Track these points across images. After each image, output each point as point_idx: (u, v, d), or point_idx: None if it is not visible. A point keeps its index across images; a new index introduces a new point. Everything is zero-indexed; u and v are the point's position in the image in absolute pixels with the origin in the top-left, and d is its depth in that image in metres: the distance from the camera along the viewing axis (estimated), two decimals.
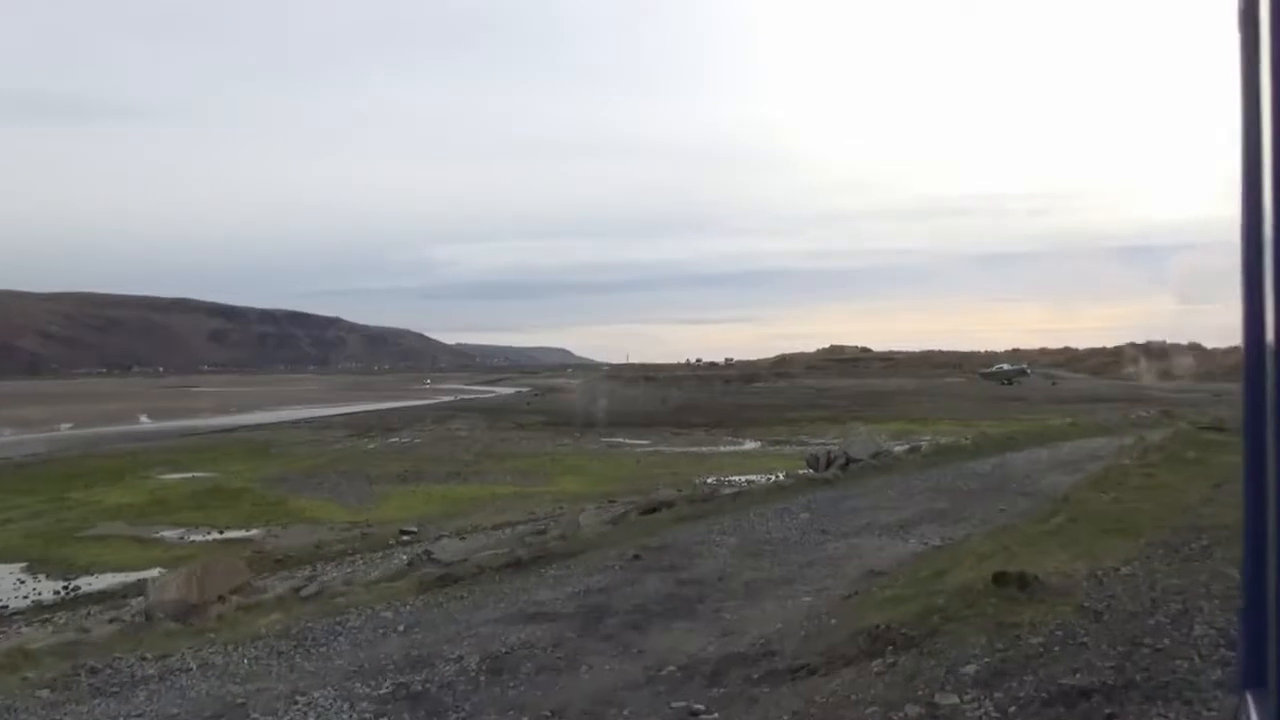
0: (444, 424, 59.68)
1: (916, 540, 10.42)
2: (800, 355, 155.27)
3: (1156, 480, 10.24)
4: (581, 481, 30.98)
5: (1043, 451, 19.26)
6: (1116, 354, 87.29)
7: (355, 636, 6.79)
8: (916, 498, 13.68)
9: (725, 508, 12.72)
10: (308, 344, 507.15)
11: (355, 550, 19.52)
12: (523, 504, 26.13)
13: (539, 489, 29.30)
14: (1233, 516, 8.90)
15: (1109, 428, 23.76)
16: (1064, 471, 16.18)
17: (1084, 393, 61.66)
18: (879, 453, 17.25)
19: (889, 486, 14.82)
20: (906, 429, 47.49)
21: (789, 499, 13.53)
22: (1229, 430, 15.34)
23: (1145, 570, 6.20)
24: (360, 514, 24.90)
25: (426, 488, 29.66)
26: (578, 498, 26.94)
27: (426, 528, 22.38)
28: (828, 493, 14.04)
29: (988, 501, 13.28)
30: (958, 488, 14.58)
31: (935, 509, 12.62)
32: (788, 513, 12.36)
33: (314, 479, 31.61)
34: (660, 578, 8.46)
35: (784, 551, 9.76)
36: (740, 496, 13.87)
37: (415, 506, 25.88)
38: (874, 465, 16.58)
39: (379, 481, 31.07)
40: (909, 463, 17.38)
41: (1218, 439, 14.30)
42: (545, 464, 36.34)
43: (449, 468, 34.93)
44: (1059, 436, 22.13)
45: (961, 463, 17.71)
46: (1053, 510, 9.20)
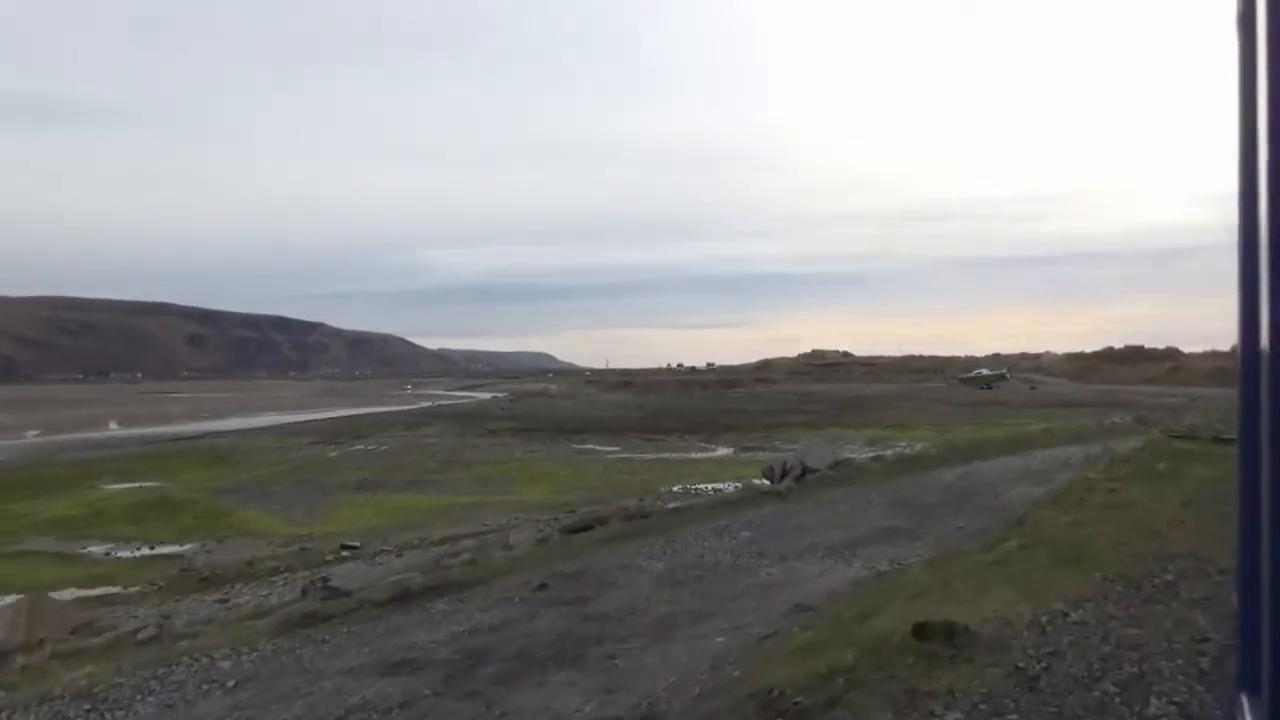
0: (414, 430, 58.51)
1: (861, 564, 9.48)
2: (783, 360, 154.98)
3: (1122, 497, 9.34)
4: (544, 490, 29.96)
5: (1013, 460, 18.37)
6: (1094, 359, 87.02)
7: (169, 697, 5.75)
8: (871, 513, 12.74)
9: (662, 526, 11.74)
10: (289, 349, 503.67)
11: (288, 567, 18.42)
12: (478, 515, 25.08)
13: (498, 498, 28.28)
14: (1202, 542, 7.99)
15: (1082, 434, 22.89)
16: (1032, 482, 15.29)
17: (1062, 397, 61.08)
18: (838, 462, 16.31)
19: (844, 500, 13.88)
20: (883, 435, 46.90)
21: (733, 515, 12.57)
22: (1201, 439, 14.52)
23: (1099, 615, 5.25)
24: (305, 527, 23.80)
25: (382, 498, 28.58)
26: (536, 508, 25.96)
27: (371, 541, 21.31)
28: (776, 508, 13.08)
29: (947, 517, 12.36)
30: (917, 501, 13.65)
31: (889, 526, 11.68)
32: (728, 531, 11.39)
33: (267, 489, 30.45)
34: (562, 613, 7.47)
35: (711, 579, 8.79)
36: (682, 512, 12.90)
37: (365, 518, 24.79)
38: (832, 476, 15.66)
39: (334, 491, 29.96)
40: (870, 473, 16.44)
41: (1190, 449, 13.44)
42: (511, 471, 35.33)
43: (411, 476, 33.85)
44: (1031, 444, 21.25)
45: (926, 473, 16.78)
46: (1004, 534, 8.27)
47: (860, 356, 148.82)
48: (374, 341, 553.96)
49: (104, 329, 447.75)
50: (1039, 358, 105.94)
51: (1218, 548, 7.12)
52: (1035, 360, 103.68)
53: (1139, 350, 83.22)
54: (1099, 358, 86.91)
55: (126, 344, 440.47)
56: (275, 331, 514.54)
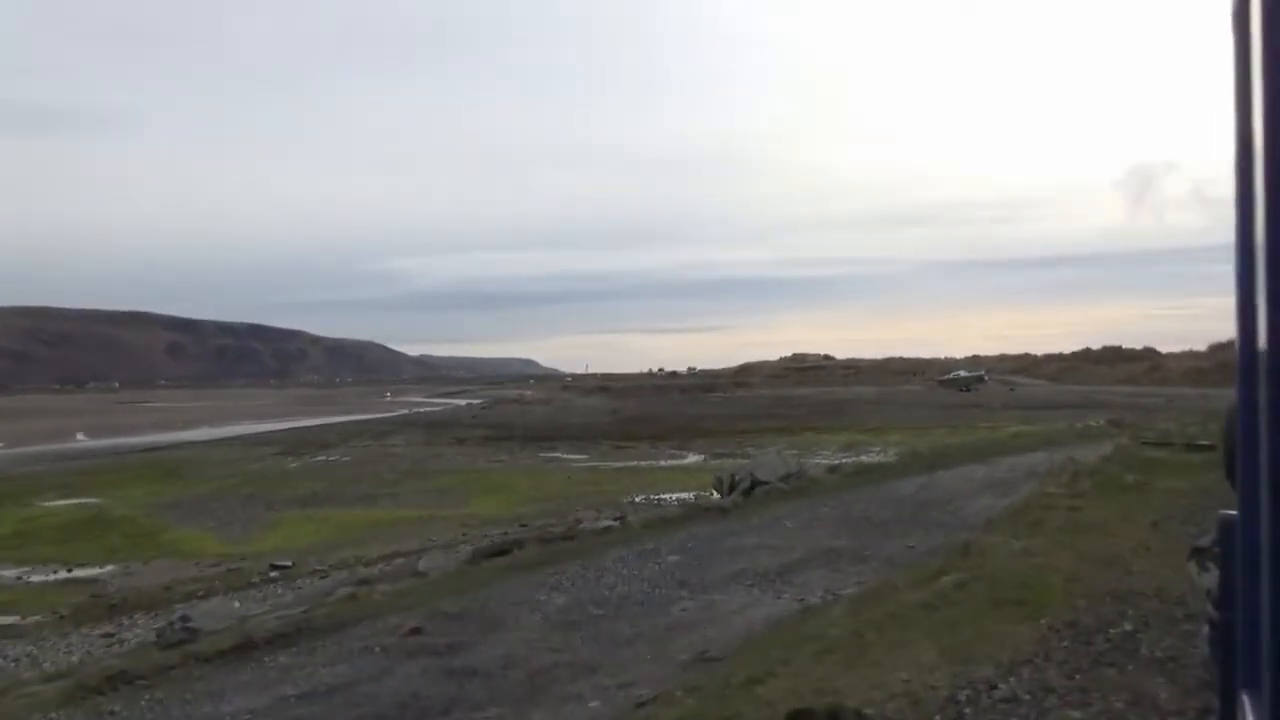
0: (382, 440, 57.13)
1: (792, 595, 8.39)
2: (763, 364, 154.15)
3: (1083, 517, 8.31)
4: (499, 502, 28.77)
5: (978, 469, 17.37)
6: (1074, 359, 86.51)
7: None
8: (816, 531, 11.67)
9: (584, 550, 10.62)
10: (268, 357, 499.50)
11: (208, 591, 17.17)
12: (425, 530, 23.87)
13: (450, 512, 27.05)
14: (1171, 575, 6.94)
15: (1054, 439, 21.98)
16: (995, 494, 14.29)
17: (1041, 399, 60.33)
18: (789, 474, 15.23)
19: (791, 515, 12.81)
20: (858, 439, 45.87)
21: (666, 535, 11.47)
22: (1174, 445, 13.55)
23: (1034, 687, 4.17)
24: (239, 545, 22.52)
25: (328, 513, 27.30)
26: (487, 522, 24.77)
27: (305, 560, 20.09)
28: (714, 526, 11.99)
29: (898, 536, 11.30)
30: (868, 517, 12.60)
31: (832, 547, 10.61)
32: (654, 555, 10.28)
33: (210, 504, 29.12)
34: (423, 667, 6.32)
35: (615, 618, 7.67)
36: (612, 532, 11.78)
37: (304, 535, 23.53)
38: (783, 489, 14.58)
39: (280, 506, 28.66)
40: (824, 485, 15.39)
41: (1162, 458, 12.46)
42: (469, 482, 34.08)
43: (365, 488, 32.58)
44: (999, 450, 20.29)
45: (884, 484, 15.75)
46: (944, 565, 7.20)
47: (841, 359, 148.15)
48: (354, 349, 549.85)
49: (81, 339, 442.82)
50: (1019, 359, 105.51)
51: (1187, 583, 6.07)
52: (1015, 361, 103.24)
53: (1117, 350, 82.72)
54: (1077, 358, 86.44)
55: (104, 354, 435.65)
56: (254, 340, 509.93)
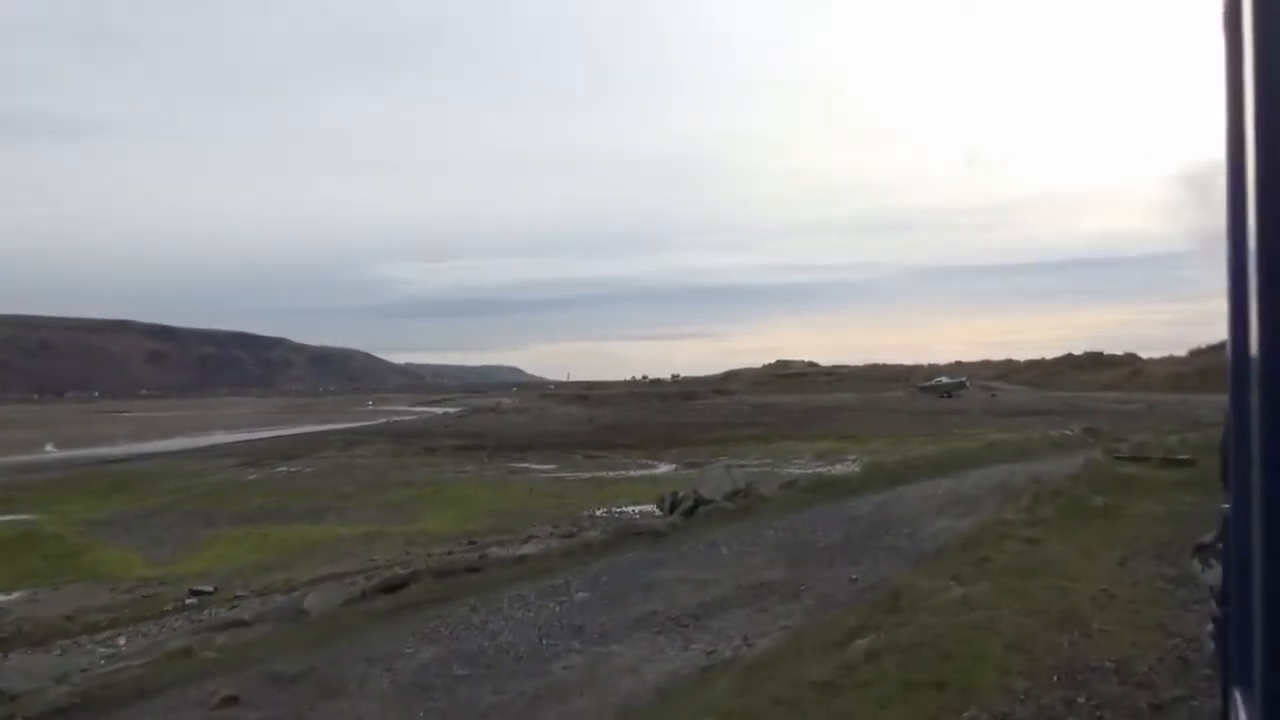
0: (349, 450, 55.68)
1: (702, 646, 7.17)
2: (748, 371, 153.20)
3: (1040, 552, 7.14)
4: (453, 517, 27.50)
5: (943, 483, 16.21)
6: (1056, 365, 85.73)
7: None
8: (753, 559, 10.46)
9: (484, 585, 9.38)
10: (252, 365, 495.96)
11: (112, 622, 15.84)
12: (369, 548, 22.57)
13: (399, 528, 25.75)
14: (1138, 637, 5.72)
15: (1026, 450, 20.87)
16: (957, 513, 13.12)
17: (1022, 405, 59.36)
18: (735, 492, 14.02)
19: (730, 540, 11.60)
20: (835, 447, 44.86)
21: (583, 565, 10.24)
22: (1150, 460, 12.42)
23: None
24: (167, 566, 21.18)
25: (271, 529, 25.95)
26: (433, 539, 23.50)
27: (230, 584, 18.76)
28: (641, 554, 10.76)
29: (842, 564, 10.11)
30: (816, 541, 11.40)
31: (765, 580, 9.40)
32: (561, 592, 9.05)
33: (149, 520, 27.73)
34: None
35: (481, 679, 6.44)
36: (522, 562, 10.54)
37: (239, 555, 22.20)
38: (728, 509, 13.37)
39: (222, 522, 27.30)
40: (775, 503, 14.19)
41: (1135, 475, 11.31)
42: (427, 495, 32.78)
43: (317, 503, 31.23)
44: (968, 462, 19.16)
45: (840, 501, 14.57)
46: (862, 623, 6.00)
47: (825, 366, 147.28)
48: (339, 357, 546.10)
49: (62, 348, 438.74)
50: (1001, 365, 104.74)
51: (1159, 648, 4.87)
52: (997, 367, 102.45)
53: (1098, 356, 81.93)
54: (1060, 364, 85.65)
55: (85, 363, 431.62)
56: (237, 348, 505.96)
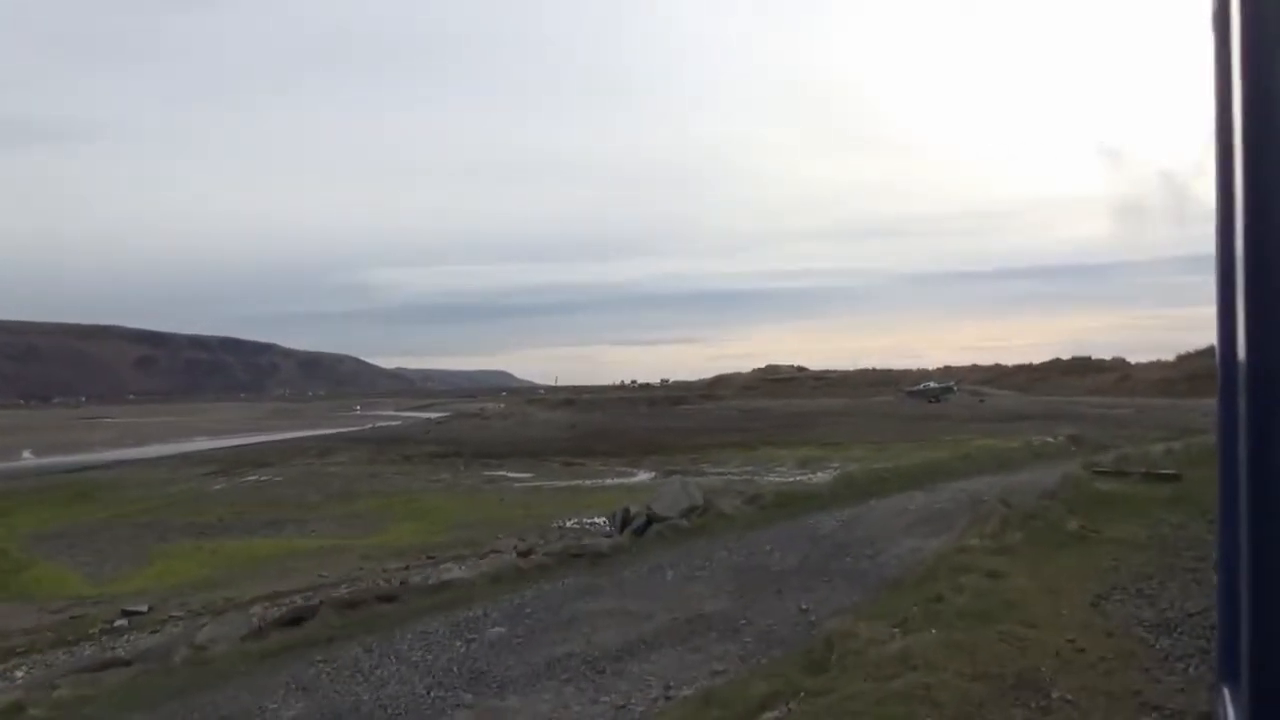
0: (324, 457, 54.62)
1: (613, 700, 6.27)
2: (736, 376, 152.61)
3: (1002, 589, 6.25)
4: (418, 528, 26.53)
5: (916, 497, 15.35)
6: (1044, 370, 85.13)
7: None
8: (696, 587, 9.56)
9: (391, 618, 8.46)
10: (240, 370, 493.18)
11: (33, 647, 14.87)
12: (322, 562, 21.60)
13: (360, 540, 24.77)
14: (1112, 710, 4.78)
15: (1006, 461, 20.04)
16: (925, 532, 12.25)
17: (1009, 411, 58.68)
18: (693, 508, 13.11)
19: (678, 564, 10.70)
20: (817, 454, 44.12)
21: (508, 594, 9.32)
22: (1132, 474, 11.56)
23: None
24: (105, 584, 20.17)
25: (224, 543, 24.95)
26: (393, 552, 22.54)
27: (167, 603, 17.78)
28: (575, 580, 9.85)
29: (795, 592, 9.21)
30: (768, 565, 10.51)
31: (705, 612, 8.51)
32: (473, 627, 8.14)
33: (98, 533, 26.68)
34: None
35: None
36: (445, 590, 9.62)
37: (183, 571, 21.20)
38: (682, 527, 12.47)
39: (175, 535, 26.28)
40: (734, 520, 13.29)
41: (1116, 492, 10.43)
42: (394, 506, 31.79)
43: (278, 514, 30.21)
44: (946, 473, 18.30)
45: (804, 518, 13.68)
46: (775, 689, 5.10)
47: (814, 371, 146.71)
48: (328, 362, 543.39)
49: (48, 353, 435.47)
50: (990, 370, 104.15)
51: None
52: (986, 372, 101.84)
53: (1086, 361, 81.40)
54: (1047, 369, 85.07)
55: (72, 368, 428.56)
56: (226, 353, 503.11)
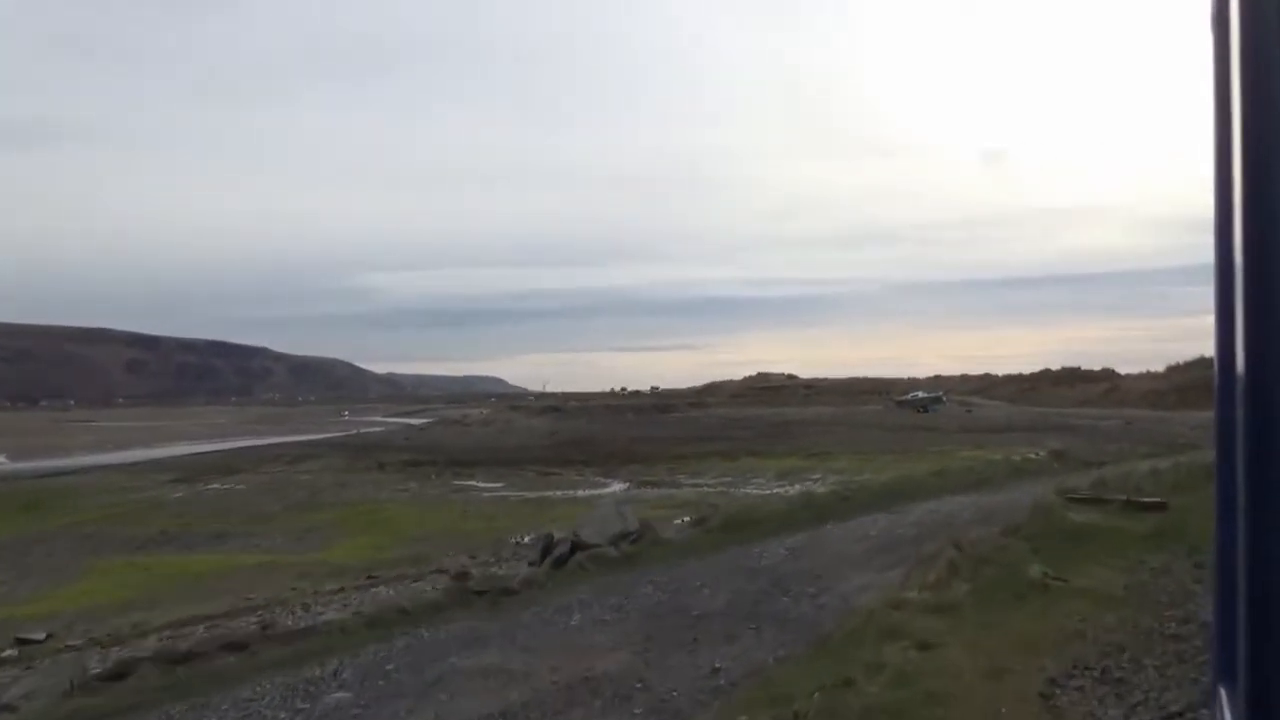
0: (296, 465, 53.21)
1: None
2: (727, 383, 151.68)
3: (930, 668, 4.95)
4: (368, 543, 25.17)
5: (880, 520, 14.05)
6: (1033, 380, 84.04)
7: None
8: (598, 635, 8.24)
9: (225, 674, 7.15)
10: (231, 374, 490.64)
11: None
12: (259, 581, 20.22)
13: (302, 557, 23.42)
14: None
15: (983, 478, 18.75)
16: (882, 564, 10.94)
17: (996, 421, 57.46)
18: (625, 535, 11.79)
19: (589, 603, 9.37)
20: (798, 466, 42.87)
21: (375, 642, 7.99)
22: (1111, 502, 10.28)
23: None
24: (16, 605, 18.76)
25: (161, 559, 23.61)
26: (335, 570, 21.13)
27: (74, 628, 16.41)
28: (464, 625, 8.52)
29: (710, 644, 7.89)
30: (691, 606, 9.19)
31: (596, 673, 7.17)
32: (311, 691, 6.83)
33: (31, 547, 25.36)
34: None
35: None
36: (306, 638, 8.29)
37: (106, 591, 19.83)
38: (610, 557, 11.14)
39: (112, 550, 24.95)
40: (671, 547, 11.97)
41: (1090, 525, 9.13)
42: (351, 518, 30.45)
43: (227, 526, 28.86)
44: (918, 493, 17.01)
45: (751, 544, 12.37)
46: None
47: (804, 379, 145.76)
48: (320, 366, 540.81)
49: (39, 355, 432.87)
50: (980, 379, 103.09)
51: None
52: (976, 382, 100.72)
53: (1076, 371, 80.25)
54: (1037, 379, 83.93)
55: (62, 371, 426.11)
56: (217, 357, 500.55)
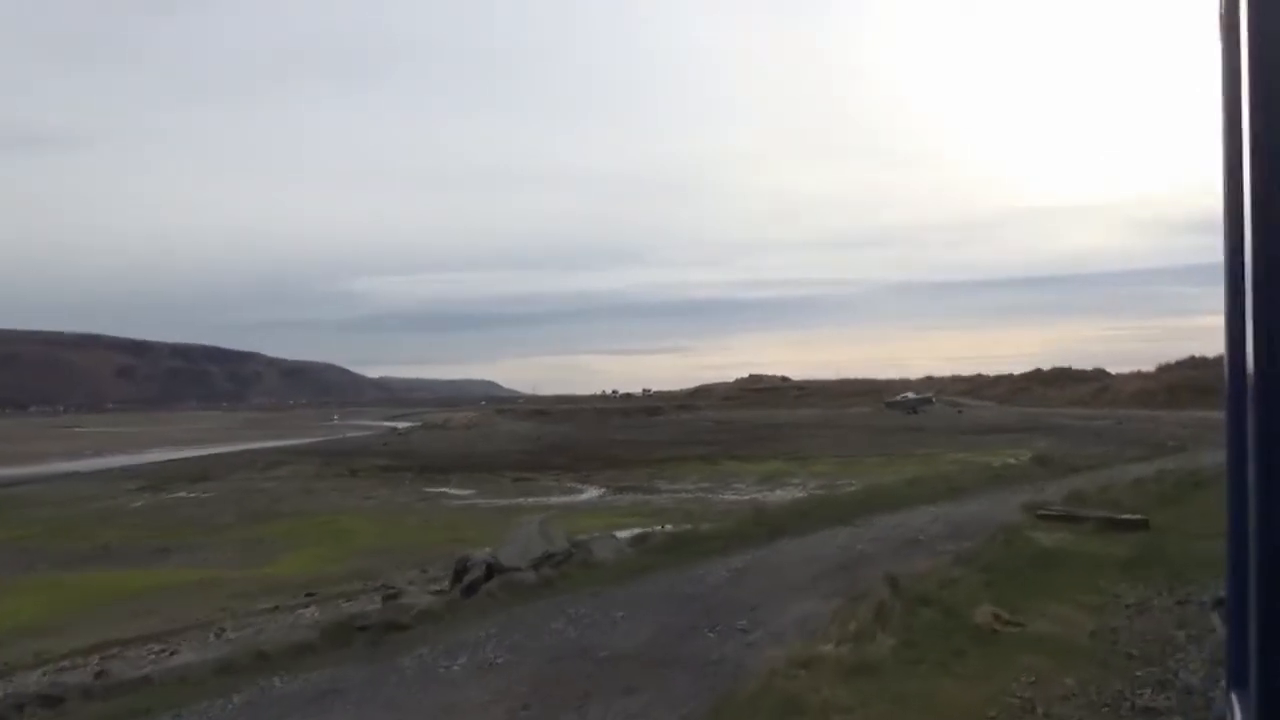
0: (268, 471, 51.90)
1: None
2: (719, 385, 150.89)
3: None
4: (317, 556, 23.84)
5: (839, 535, 12.82)
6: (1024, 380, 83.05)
7: None
8: (472, 691, 6.97)
9: None
10: (223, 379, 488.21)
11: None
12: (190, 600, 18.91)
13: (244, 572, 22.08)
14: None
15: (958, 486, 17.55)
16: (830, 590, 9.70)
17: (985, 422, 56.37)
18: (549, 556, 10.52)
19: (482, 644, 8.10)
20: (781, 470, 41.78)
21: (207, 699, 6.73)
22: (1085, 520, 9.05)
23: None
24: None
25: (93, 575, 22.28)
26: (271, 587, 19.80)
27: None
28: (320, 676, 7.26)
29: (601, 702, 6.64)
30: (598, 647, 7.92)
31: None
32: None
33: None
34: None
35: None
36: (136, 690, 7.04)
37: (21, 612, 18.39)
38: (526, 583, 9.87)
39: (45, 565, 23.65)
40: (601, 570, 10.70)
41: (1061, 549, 7.88)
42: (309, 528, 29.10)
43: (175, 539, 27.50)
44: (886, 503, 15.79)
45: (692, 566, 11.11)
46: None
47: (796, 381, 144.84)
48: (312, 370, 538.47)
49: (28, 361, 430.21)
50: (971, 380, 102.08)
51: None
52: (967, 383, 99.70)
53: (1066, 371, 79.34)
54: (1028, 379, 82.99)
55: (52, 376, 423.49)
56: (208, 362, 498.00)
